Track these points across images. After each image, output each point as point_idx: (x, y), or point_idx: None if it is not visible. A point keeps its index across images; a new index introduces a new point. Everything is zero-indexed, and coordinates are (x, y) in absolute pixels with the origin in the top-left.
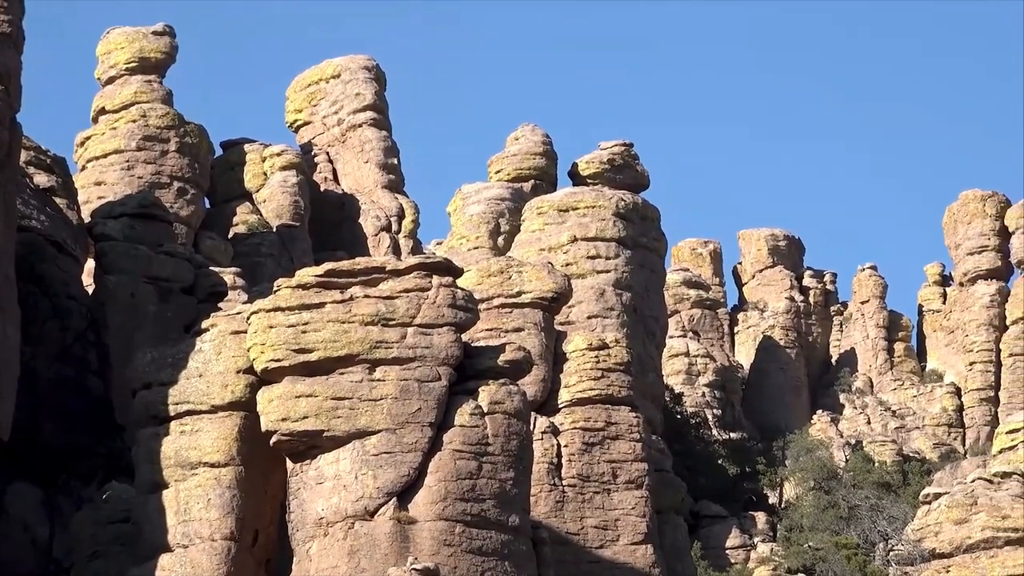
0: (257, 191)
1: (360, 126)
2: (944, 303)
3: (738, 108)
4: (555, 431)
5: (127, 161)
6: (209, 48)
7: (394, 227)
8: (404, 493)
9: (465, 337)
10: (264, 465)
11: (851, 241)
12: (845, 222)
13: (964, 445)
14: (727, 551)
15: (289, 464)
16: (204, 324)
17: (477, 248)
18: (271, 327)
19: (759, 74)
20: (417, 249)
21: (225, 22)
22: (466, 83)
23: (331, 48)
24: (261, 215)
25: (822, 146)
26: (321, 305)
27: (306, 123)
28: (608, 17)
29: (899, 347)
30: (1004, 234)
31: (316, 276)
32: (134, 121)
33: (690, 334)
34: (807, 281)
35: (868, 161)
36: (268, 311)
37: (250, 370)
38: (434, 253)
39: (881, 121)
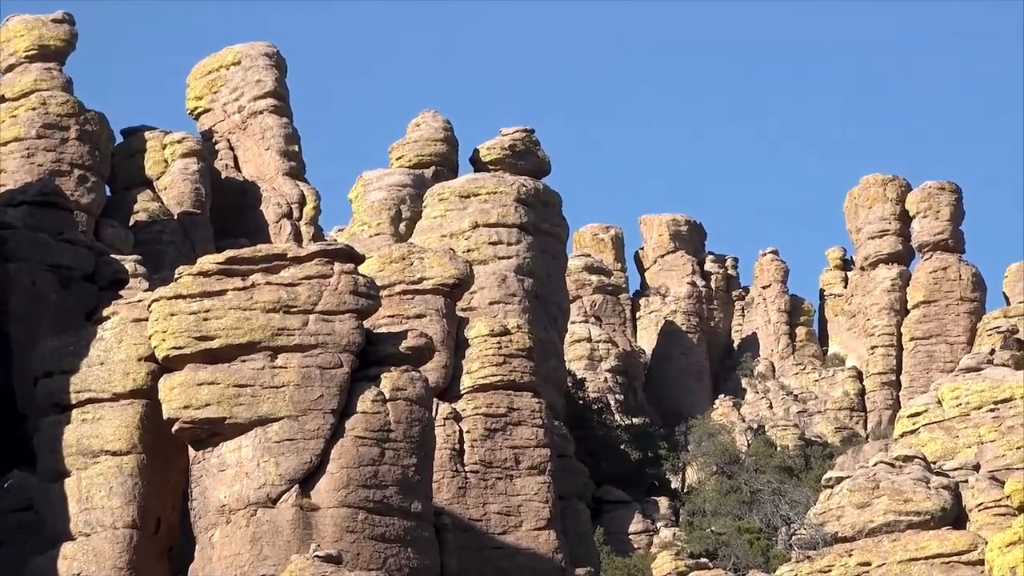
0: (158, 178)
1: (261, 113)
2: (845, 287)
3: (639, 93)
4: (457, 417)
5: (27, 149)
6: (109, 35)
7: (295, 214)
8: (306, 480)
9: (367, 324)
10: (166, 453)
11: (752, 226)
12: (746, 207)
13: (866, 429)
14: (630, 536)
15: (191, 452)
16: (105, 312)
17: (378, 235)
18: (172, 315)
19: (659, 60)
20: (318, 236)
21: (124, 10)
22: (367, 69)
23: (231, 35)
24: (162, 202)
25: (723, 131)
26: (222, 292)
27: (207, 110)
28: (509, 3)
29: (801, 331)
30: (905, 218)
31: (217, 263)
32: (34, 109)
33: (592, 320)
34: (709, 266)
35: (769, 146)
36: (169, 299)
37: (151, 358)
38: (335, 240)
39: (782, 106)
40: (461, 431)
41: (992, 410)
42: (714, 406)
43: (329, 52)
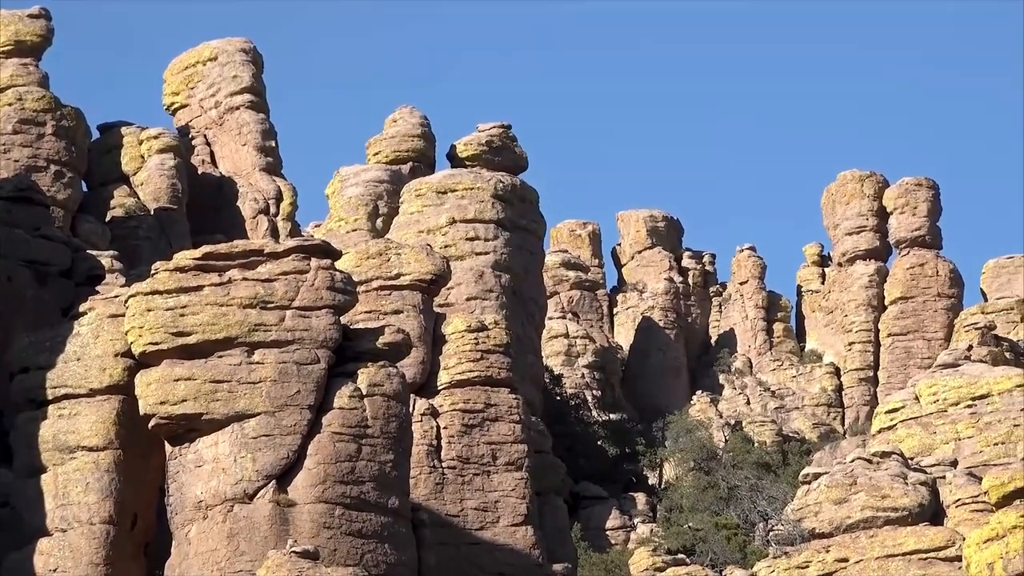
0: (134, 174)
1: (237, 109)
2: (823, 283)
3: (616, 89)
4: (434, 413)
5: (3, 144)
6: (86, 31)
7: (272, 210)
8: (283, 476)
9: (344, 319)
10: (143, 449)
11: (730, 222)
12: (724, 203)
13: (843, 425)
14: (607, 532)
15: (168, 447)
16: (82, 308)
17: (355, 230)
18: (149, 310)
19: (637, 56)
20: (295, 232)
21: (101, 5)
22: (344, 65)
23: (208, 31)
24: (139, 198)
25: (701, 127)
26: (199, 288)
27: (183, 106)
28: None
29: (778, 327)
30: (882, 214)
31: (194, 259)
32: (10, 104)
33: (569, 315)
34: (686, 262)
35: (746, 141)
36: (146, 294)
37: (128, 353)
38: (312, 236)
39: (759, 101)
40: (438, 427)
41: (970, 406)
42: (691, 402)
43: (306, 48)
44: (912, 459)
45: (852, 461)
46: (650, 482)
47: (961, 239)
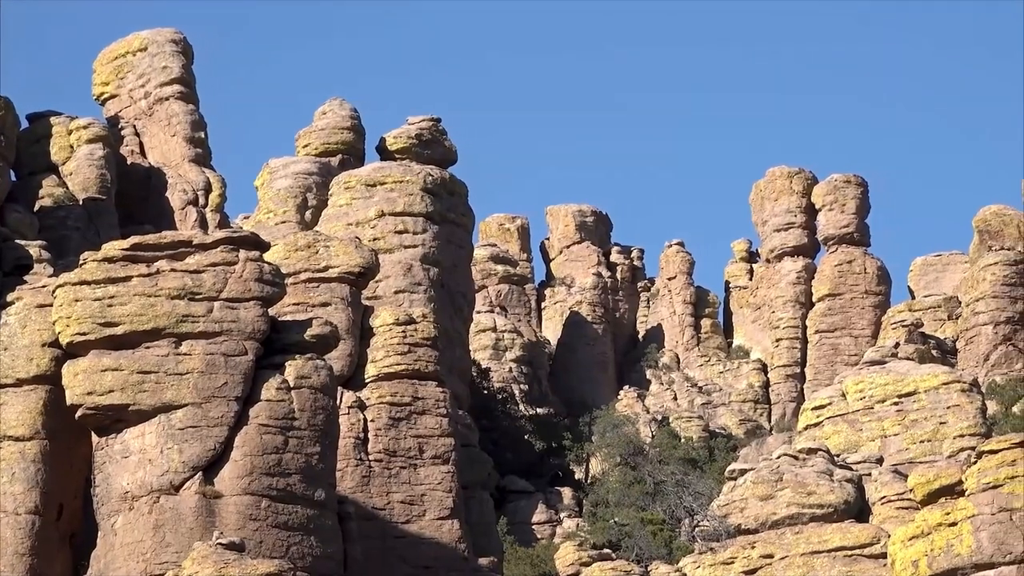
0: (63, 164)
1: (167, 99)
2: (751, 280)
3: (545, 84)
4: (362, 406)
5: None
6: (15, 20)
7: (201, 201)
8: (210, 467)
9: (272, 311)
10: (69, 439)
11: (658, 217)
12: (652, 198)
13: (770, 421)
14: (533, 526)
15: (95, 438)
16: (9, 297)
17: (284, 222)
18: (77, 300)
19: (566, 50)
20: (224, 223)
21: None
22: (274, 56)
23: (139, 21)
24: (67, 188)
25: (630, 122)
26: (127, 279)
27: (113, 96)
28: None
29: (706, 323)
30: (811, 211)
31: (122, 250)
32: None
33: (497, 309)
34: (614, 257)
35: (676, 137)
36: (74, 284)
37: (56, 343)
38: (241, 227)
39: (689, 97)
40: (365, 420)
41: (896, 404)
42: (618, 397)
43: (236, 39)
44: (838, 456)
45: (778, 457)
46: (576, 477)
47: (889, 237)
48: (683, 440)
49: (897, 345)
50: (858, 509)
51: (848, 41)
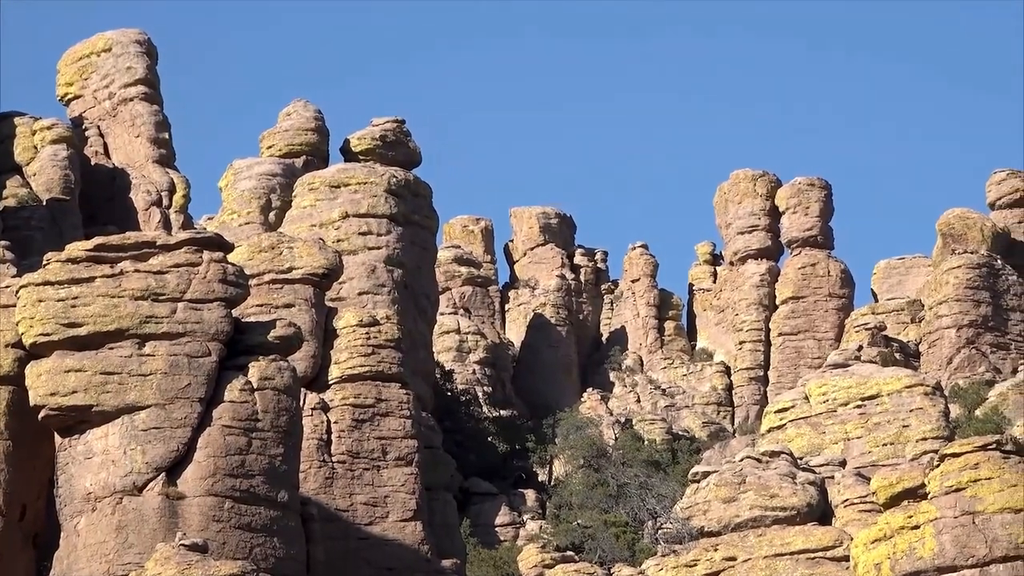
0: (27, 164)
1: (131, 100)
2: (714, 282)
3: (509, 85)
4: (325, 407)
5: None
6: None
7: (165, 202)
8: (173, 468)
9: (235, 312)
10: (32, 439)
11: (622, 220)
12: (616, 201)
13: (733, 424)
14: (496, 528)
15: (58, 439)
16: None
17: (248, 223)
18: (40, 301)
19: (530, 50)
20: (188, 224)
21: None
22: (239, 58)
23: (103, 22)
24: (31, 189)
25: (595, 125)
26: (91, 279)
27: (77, 97)
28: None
29: (669, 326)
30: (774, 214)
31: (86, 250)
32: None
33: (461, 311)
34: (578, 259)
35: (640, 140)
36: (37, 285)
37: (19, 344)
38: (205, 228)
39: (652, 99)
40: (329, 421)
41: (859, 407)
42: (582, 399)
43: (201, 40)
44: (801, 459)
45: (741, 460)
46: (540, 479)
47: (853, 240)
48: (646, 442)
49: (860, 348)
50: (821, 512)
51: (811, 45)
